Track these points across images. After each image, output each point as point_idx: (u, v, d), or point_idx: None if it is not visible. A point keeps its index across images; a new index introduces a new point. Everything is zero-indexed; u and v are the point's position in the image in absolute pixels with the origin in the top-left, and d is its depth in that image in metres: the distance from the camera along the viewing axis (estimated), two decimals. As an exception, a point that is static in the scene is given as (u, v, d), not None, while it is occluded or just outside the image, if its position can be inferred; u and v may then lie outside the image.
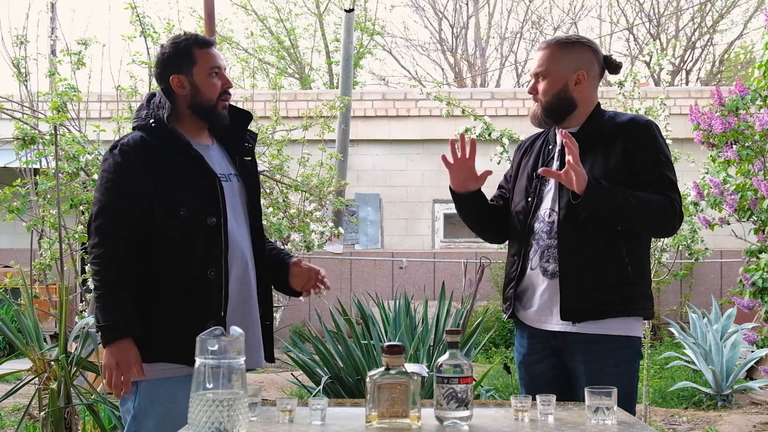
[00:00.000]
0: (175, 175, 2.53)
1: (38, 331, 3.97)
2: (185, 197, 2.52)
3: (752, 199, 4.94)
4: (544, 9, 21.67)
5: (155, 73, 2.67)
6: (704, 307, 8.60)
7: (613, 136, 2.61)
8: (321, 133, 6.81)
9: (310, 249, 6.21)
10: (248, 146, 2.75)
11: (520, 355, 2.77)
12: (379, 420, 1.98)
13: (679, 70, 19.79)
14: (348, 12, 11.11)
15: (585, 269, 2.56)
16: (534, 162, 2.74)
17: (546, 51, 2.67)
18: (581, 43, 2.70)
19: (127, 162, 2.51)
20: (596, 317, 2.55)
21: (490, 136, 5.76)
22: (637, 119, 2.67)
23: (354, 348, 4.40)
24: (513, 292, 2.71)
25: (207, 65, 2.60)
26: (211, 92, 2.60)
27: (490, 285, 10.22)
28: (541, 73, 2.66)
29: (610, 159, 2.58)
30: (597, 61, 2.69)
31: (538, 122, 2.72)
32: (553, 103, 2.65)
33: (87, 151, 4.85)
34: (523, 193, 2.73)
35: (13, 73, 5.50)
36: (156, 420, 2.48)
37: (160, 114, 2.57)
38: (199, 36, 2.66)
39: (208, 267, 2.52)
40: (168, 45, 2.64)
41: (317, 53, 21.40)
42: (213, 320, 2.48)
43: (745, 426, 5.69)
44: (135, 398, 2.52)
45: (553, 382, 2.64)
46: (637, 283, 2.58)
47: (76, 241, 5.18)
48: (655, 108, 5.52)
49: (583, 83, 2.64)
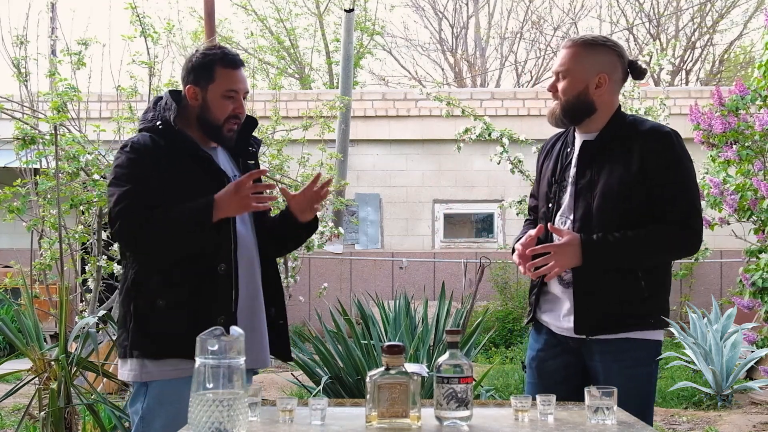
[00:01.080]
0: (183, 176, 2.54)
1: (38, 331, 3.97)
2: (194, 196, 2.52)
3: (752, 199, 4.95)
4: (544, 9, 21.68)
5: (181, 75, 2.69)
6: (704, 307, 8.60)
7: (632, 149, 2.53)
8: (321, 133, 6.82)
9: (310, 249, 6.22)
10: (252, 150, 2.77)
11: (533, 351, 2.72)
12: (379, 420, 1.98)
13: (679, 70, 19.79)
14: (348, 12, 11.11)
15: (598, 282, 2.51)
16: (553, 166, 2.69)
17: (570, 50, 2.59)
18: (607, 45, 2.62)
19: (140, 159, 2.52)
20: (609, 332, 2.52)
21: (490, 136, 5.77)
22: (657, 130, 2.58)
23: (354, 348, 4.40)
24: (535, 297, 2.68)
25: (224, 86, 2.60)
26: (220, 113, 2.60)
27: (490, 285, 10.22)
28: (562, 71, 2.59)
29: (627, 170, 2.52)
30: (621, 66, 2.61)
31: (555, 121, 2.65)
32: (572, 103, 2.58)
33: (87, 151, 4.85)
34: (544, 198, 2.70)
35: (13, 73, 5.51)
36: (163, 420, 2.47)
37: (166, 116, 2.58)
38: (228, 54, 2.64)
39: (218, 262, 2.52)
40: (198, 53, 2.66)
41: (317, 53, 21.43)
42: (224, 315, 2.49)
43: (745, 426, 5.69)
44: (144, 399, 2.52)
45: (565, 381, 2.60)
46: (651, 297, 2.53)
47: (76, 241, 5.19)
48: (655, 108, 5.53)
49: (604, 87, 2.57)
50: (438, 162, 11.67)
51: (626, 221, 2.50)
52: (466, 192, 11.46)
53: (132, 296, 2.53)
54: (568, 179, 2.62)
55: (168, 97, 2.64)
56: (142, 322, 2.51)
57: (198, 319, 2.42)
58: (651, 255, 2.52)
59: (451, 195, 11.67)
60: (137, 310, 2.52)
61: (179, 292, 2.49)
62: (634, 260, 2.50)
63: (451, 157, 11.13)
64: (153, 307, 2.49)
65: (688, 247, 2.55)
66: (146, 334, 2.49)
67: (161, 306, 2.48)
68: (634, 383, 2.46)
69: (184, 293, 2.49)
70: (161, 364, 2.49)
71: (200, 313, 2.47)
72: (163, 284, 2.50)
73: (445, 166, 11.60)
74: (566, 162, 2.65)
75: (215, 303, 2.52)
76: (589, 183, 2.55)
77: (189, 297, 2.50)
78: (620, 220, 2.50)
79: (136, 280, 2.54)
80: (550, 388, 2.42)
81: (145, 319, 2.51)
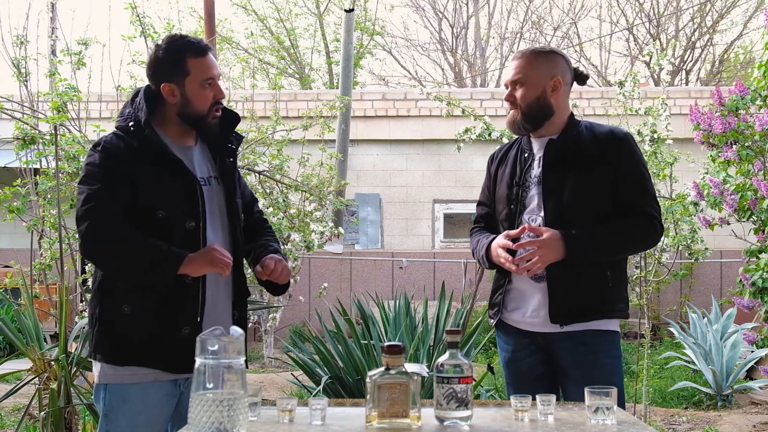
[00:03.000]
0: (153, 178, 2.49)
1: (38, 331, 3.98)
2: (164, 200, 2.48)
3: (752, 199, 4.94)
4: (544, 9, 21.68)
5: (147, 73, 2.62)
6: (704, 307, 8.61)
7: (593, 149, 2.69)
8: (321, 133, 6.82)
9: (310, 249, 6.22)
10: (232, 147, 2.70)
11: (507, 353, 2.81)
12: (379, 420, 1.98)
13: (679, 70, 19.79)
14: (348, 12, 11.11)
15: (570, 274, 2.63)
16: (512, 170, 2.80)
17: (522, 60, 2.74)
18: (554, 52, 2.79)
19: (110, 159, 2.48)
20: (582, 320, 2.63)
21: (490, 136, 5.77)
22: (616, 132, 2.75)
23: (354, 348, 4.39)
24: (501, 297, 2.78)
25: (200, 76, 2.54)
26: (203, 104, 2.56)
27: (489, 285, 10.20)
28: (518, 80, 2.73)
29: (594, 172, 2.65)
30: (569, 70, 2.78)
31: (516, 128, 2.78)
32: (532, 107, 2.71)
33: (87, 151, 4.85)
34: (505, 201, 2.79)
35: (13, 73, 5.50)
36: (128, 418, 2.46)
37: (139, 116, 2.53)
38: (194, 42, 2.57)
39: None
40: (162, 48, 2.58)
41: (317, 53, 21.43)
42: (189, 326, 2.46)
43: (745, 426, 5.69)
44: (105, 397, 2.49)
45: (542, 377, 2.72)
46: (615, 286, 2.68)
47: (76, 241, 5.19)
48: (656, 108, 5.52)
49: (560, 89, 2.72)
50: (438, 162, 11.67)
51: (596, 216, 2.64)
52: (466, 192, 11.45)
53: (98, 299, 2.50)
54: (531, 180, 2.73)
55: (141, 97, 2.57)
56: (107, 327, 2.48)
57: (162, 328, 2.42)
58: (626, 246, 2.73)
59: (451, 195, 11.67)
60: (102, 313, 2.49)
61: (145, 300, 2.45)
62: (611, 252, 2.67)
63: (451, 157, 11.14)
64: (118, 313, 2.46)
65: (655, 239, 2.72)
66: (109, 338, 2.46)
67: (126, 312, 2.45)
68: (602, 373, 2.57)
69: (149, 301, 2.45)
70: (122, 369, 2.46)
71: (165, 322, 2.44)
72: (129, 290, 2.46)
73: (445, 166, 11.60)
74: (526, 165, 2.77)
75: (182, 312, 2.48)
76: (557, 181, 2.67)
77: (154, 305, 2.45)
78: (592, 216, 2.64)
79: (102, 284, 2.50)
80: (530, 385, 2.61)
81: (109, 323, 2.48)
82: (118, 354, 2.47)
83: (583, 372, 2.58)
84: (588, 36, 21.91)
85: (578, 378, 2.55)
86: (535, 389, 2.34)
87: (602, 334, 2.65)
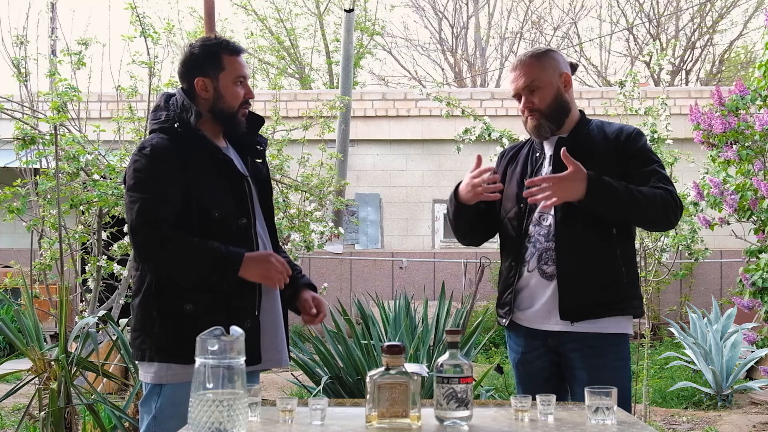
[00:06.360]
0: (205, 178, 2.52)
1: (38, 331, 3.97)
2: (218, 199, 2.52)
3: (752, 199, 4.94)
4: (544, 9, 21.69)
5: (179, 71, 2.65)
6: (704, 307, 8.61)
7: (605, 147, 2.68)
8: (321, 133, 6.81)
9: (310, 249, 6.21)
10: (260, 148, 2.76)
11: (517, 354, 2.80)
12: (379, 420, 1.98)
13: (679, 70, 19.80)
14: (348, 12, 11.11)
15: (582, 270, 2.61)
16: (522, 169, 2.79)
17: (526, 66, 2.72)
18: (551, 51, 2.80)
19: (159, 161, 2.49)
20: (594, 316, 2.61)
21: (490, 137, 5.76)
22: (626, 129, 2.74)
23: (354, 348, 4.40)
24: (512, 296, 2.74)
25: (234, 73, 2.60)
26: (234, 100, 2.61)
27: (490, 285, 10.21)
28: (531, 85, 2.70)
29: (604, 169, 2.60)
30: (568, 65, 2.78)
31: (542, 132, 2.72)
32: (553, 108, 2.70)
33: (87, 151, 4.85)
34: (514, 199, 2.76)
35: (13, 73, 5.50)
36: (177, 421, 2.46)
37: (185, 117, 2.55)
38: (230, 42, 2.65)
39: None
40: (198, 45, 2.63)
41: (317, 53, 21.44)
42: (249, 319, 2.50)
43: (745, 426, 5.69)
44: (158, 399, 2.50)
45: (551, 378, 2.71)
46: (630, 282, 2.67)
47: (76, 241, 5.19)
48: (656, 108, 5.52)
49: (570, 84, 2.73)
50: (438, 162, 11.67)
51: None
52: (466, 192, 11.45)
53: (155, 300, 2.50)
54: None
55: (184, 97, 2.59)
56: (170, 326, 2.47)
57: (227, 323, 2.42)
58: (645, 209, 2.57)
59: (451, 195, 11.66)
60: (163, 313, 2.48)
61: (204, 297, 2.47)
62: (630, 206, 2.55)
63: (451, 157, 11.14)
64: (180, 311, 2.46)
65: (675, 213, 2.62)
66: (175, 338, 2.45)
67: (189, 310, 2.46)
68: (617, 376, 2.55)
69: (209, 298, 2.48)
70: (185, 368, 2.44)
71: (230, 317, 2.43)
72: (187, 289, 2.48)
73: (445, 166, 11.60)
74: (537, 165, 2.76)
75: (241, 307, 2.51)
76: None
77: (214, 302, 2.48)
78: None
79: (158, 284, 2.50)
80: (539, 385, 2.58)
81: (172, 323, 2.47)
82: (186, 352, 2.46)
83: (591, 374, 2.55)
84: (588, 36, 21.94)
85: (586, 380, 2.51)
86: (544, 390, 2.32)
87: (612, 337, 2.63)
